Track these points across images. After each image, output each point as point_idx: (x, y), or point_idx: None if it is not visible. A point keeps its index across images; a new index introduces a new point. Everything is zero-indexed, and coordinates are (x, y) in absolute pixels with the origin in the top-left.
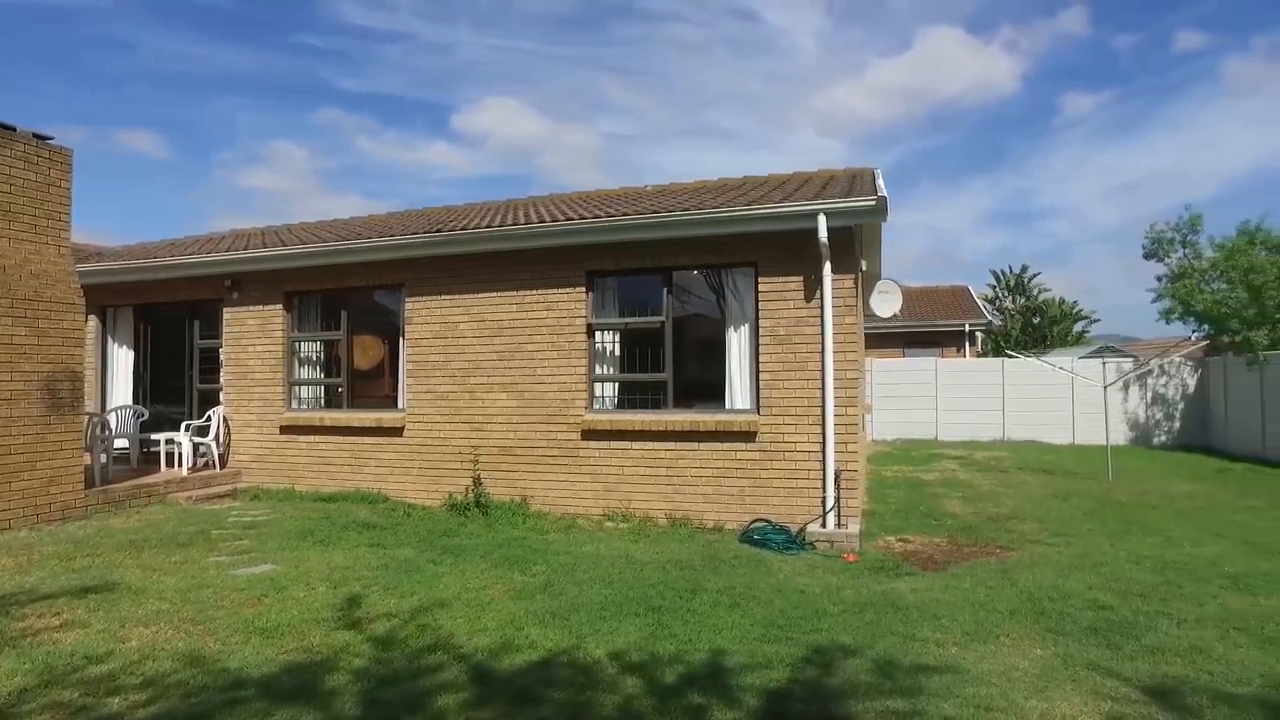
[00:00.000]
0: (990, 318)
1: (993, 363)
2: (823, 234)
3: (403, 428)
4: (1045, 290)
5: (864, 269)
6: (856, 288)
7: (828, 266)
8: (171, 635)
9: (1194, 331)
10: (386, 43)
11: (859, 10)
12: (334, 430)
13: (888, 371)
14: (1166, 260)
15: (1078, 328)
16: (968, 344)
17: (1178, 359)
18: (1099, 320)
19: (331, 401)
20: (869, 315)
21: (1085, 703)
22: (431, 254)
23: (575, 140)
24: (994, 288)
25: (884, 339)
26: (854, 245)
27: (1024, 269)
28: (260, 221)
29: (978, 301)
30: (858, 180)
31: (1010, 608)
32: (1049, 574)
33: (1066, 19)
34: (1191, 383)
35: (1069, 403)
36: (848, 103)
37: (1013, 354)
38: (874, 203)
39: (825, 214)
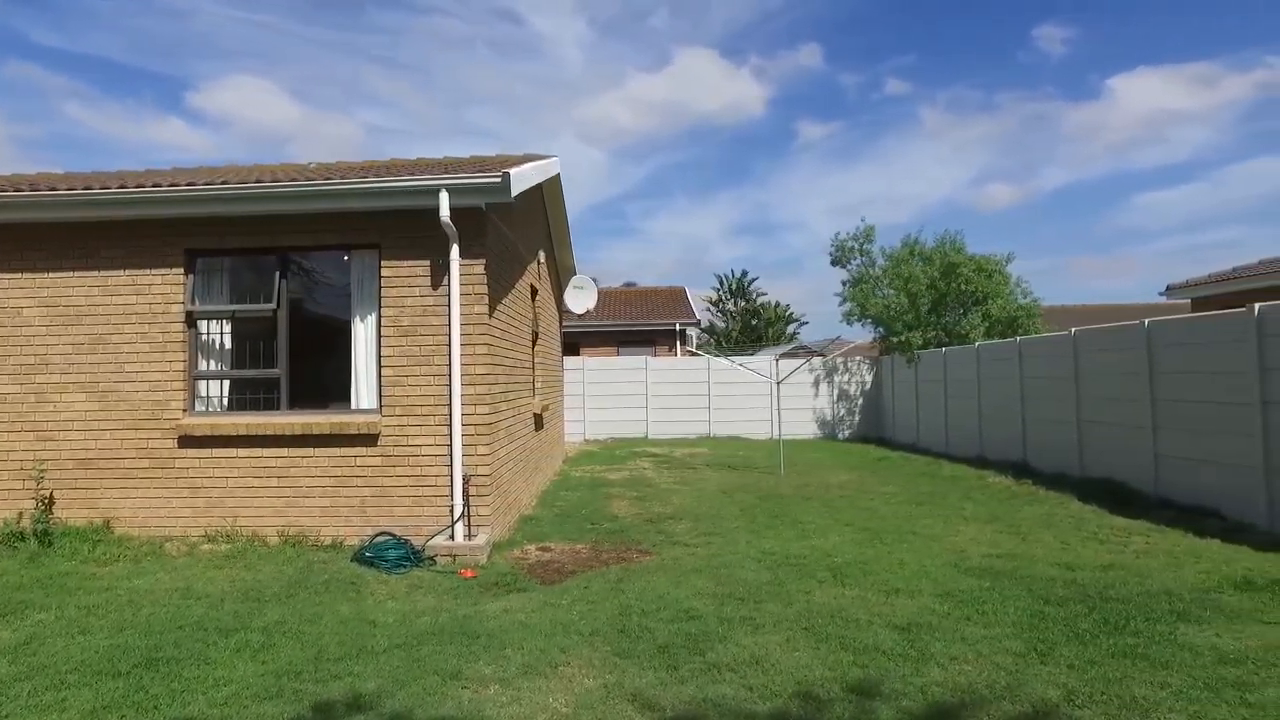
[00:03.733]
0: (701, 317)
1: (699, 361)
2: (444, 212)
3: None
4: (763, 294)
5: (541, 260)
6: (514, 275)
7: (455, 250)
8: None
9: (873, 333)
10: None
11: (620, 25)
12: None
13: (600, 370)
14: (848, 266)
15: (790, 329)
16: (679, 343)
17: (857, 357)
18: (808, 323)
19: None
20: (567, 313)
21: None
22: None
23: (332, 130)
24: (718, 291)
25: (599, 337)
26: (486, 227)
27: (744, 274)
28: None
29: (692, 302)
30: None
31: (596, 627)
32: (664, 581)
33: (805, 54)
34: (869, 380)
35: (768, 399)
36: (609, 113)
37: (697, 352)
38: (499, 180)
39: (448, 190)
